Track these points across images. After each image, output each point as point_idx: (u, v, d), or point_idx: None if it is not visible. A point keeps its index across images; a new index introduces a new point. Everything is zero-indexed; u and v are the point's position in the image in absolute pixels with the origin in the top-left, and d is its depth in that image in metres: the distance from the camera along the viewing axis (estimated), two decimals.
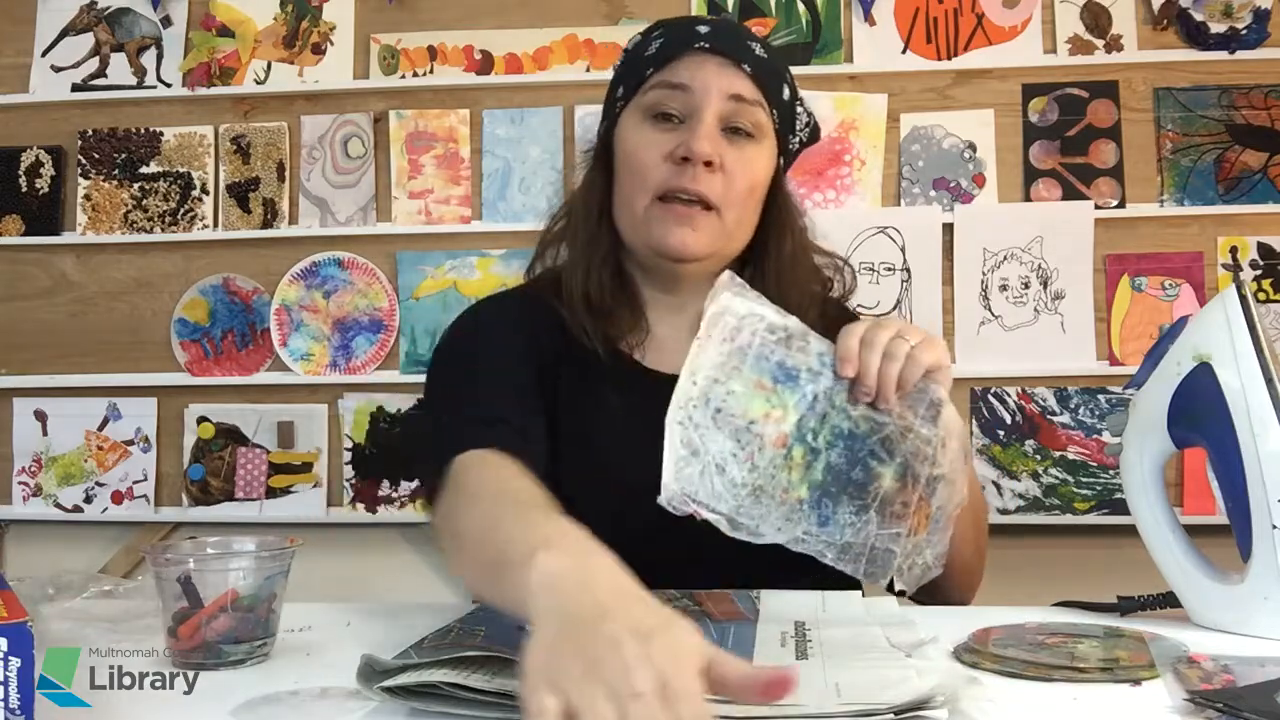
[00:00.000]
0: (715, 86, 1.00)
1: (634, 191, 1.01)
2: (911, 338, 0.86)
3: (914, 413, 0.86)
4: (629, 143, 1.03)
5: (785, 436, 0.82)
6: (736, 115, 1.01)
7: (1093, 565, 1.92)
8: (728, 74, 1.01)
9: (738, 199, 1.02)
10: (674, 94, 1.01)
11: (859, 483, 0.83)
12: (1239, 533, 0.87)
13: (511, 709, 0.61)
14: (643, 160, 1.01)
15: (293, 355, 2.19)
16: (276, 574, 0.79)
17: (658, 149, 1.00)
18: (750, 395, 0.82)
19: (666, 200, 1.00)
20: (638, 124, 1.03)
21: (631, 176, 1.02)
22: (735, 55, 1.02)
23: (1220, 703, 0.62)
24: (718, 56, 1.01)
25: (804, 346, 0.85)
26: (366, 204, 2.20)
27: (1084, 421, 2.04)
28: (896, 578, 0.85)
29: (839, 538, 0.83)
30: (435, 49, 2.20)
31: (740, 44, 1.04)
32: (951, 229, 2.09)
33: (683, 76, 1.01)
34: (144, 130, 2.24)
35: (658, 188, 1.00)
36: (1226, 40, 2.06)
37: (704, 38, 1.02)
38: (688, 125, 1.00)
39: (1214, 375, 0.87)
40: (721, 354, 0.82)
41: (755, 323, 0.84)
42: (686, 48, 1.02)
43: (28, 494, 2.23)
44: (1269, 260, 2.04)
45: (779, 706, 0.60)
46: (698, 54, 1.01)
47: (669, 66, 1.02)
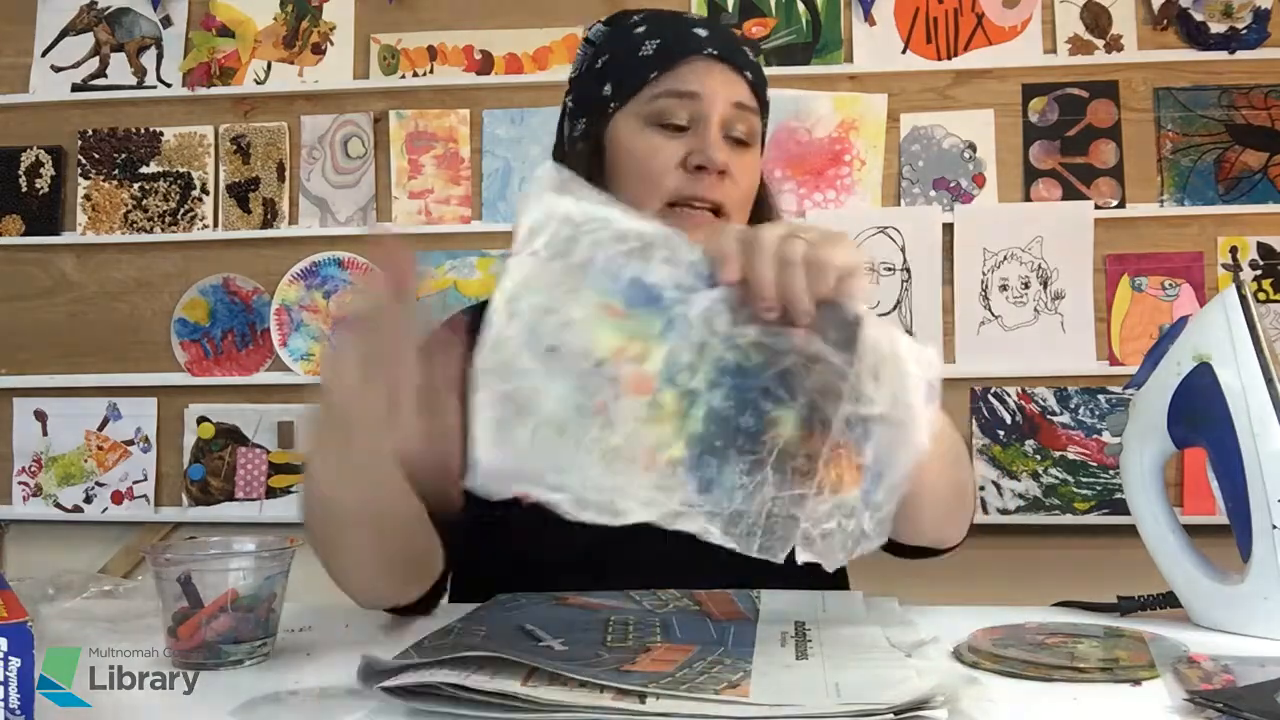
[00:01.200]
0: (722, 94, 1.00)
1: (643, 197, 1.00)
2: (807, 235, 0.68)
3: (822, 336, 0.65)
4: (633, 147, 1.02)
5: (649, 378, 0.63)
6: (736, 122, 1.01)
7: (1093, 565, 1.91)
8: (732, 81, 1.02)
9: (742, 203, 1.03)
10: (682, 101, 1.00)
11: (750, 432, 0.65)
12: (1239, 533, 0.87)
13: (512, 709, 0.61)
14: (652, 168, 1.00)
15: (293, 355, 2.19)
16: (276, 574, 0.79)
17: (668, 156, 1.00)
18: (596, 324, 0.62)
19: (676, 206, 1.00)
20: (639, 129, 1.02)
21: (639, 182, 1.01)
22: (737, 62, 1.03)
23: (1220, 703, 0.62)
24: (722, 64, 1.01)
25: (670, 257, 0.65)
26: (366, 204, 2.20)
27: (1084, 421, 2.04)
28: (803, 548, 0.66)
29: (726, 505, 0.64)
30: (435, 49, 2.20)
31: (740, 51, 1.05)
32: (951, 229, 2.09)
33: (691, 84, 1.00)
34: (144, 130, 2.24)
35: (671, 195, 1.00)
36: (1226, 40, 2.07)
37: (707, 43, 1.02)
38: (695, 132, 1.00)
39: (1214, 375, 0.86)
40: (551, 273, 0.62)
41: (597, 229, 0.64)
42: (693, 53, 1.01)
43: (28, 494, 2.23)
44: (1269, 260, 2.04)
45: (779, 706, 0.60)
46: (705, 60, 1.01)
47: (674, 72, 1.01)
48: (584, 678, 0.63)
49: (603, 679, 0.63)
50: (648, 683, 0.63)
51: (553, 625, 0.79)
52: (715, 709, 0.60)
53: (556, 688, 0.62)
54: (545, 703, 0.61)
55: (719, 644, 0.75)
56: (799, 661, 0.71)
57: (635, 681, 0.63)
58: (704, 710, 0.60)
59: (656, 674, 0.65)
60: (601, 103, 1.04)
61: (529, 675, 0.64)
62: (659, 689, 0.62)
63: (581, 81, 1.08)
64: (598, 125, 1.04)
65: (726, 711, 0.58)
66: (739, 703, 0.60)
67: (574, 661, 0.67)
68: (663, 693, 0.62)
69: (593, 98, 1.05)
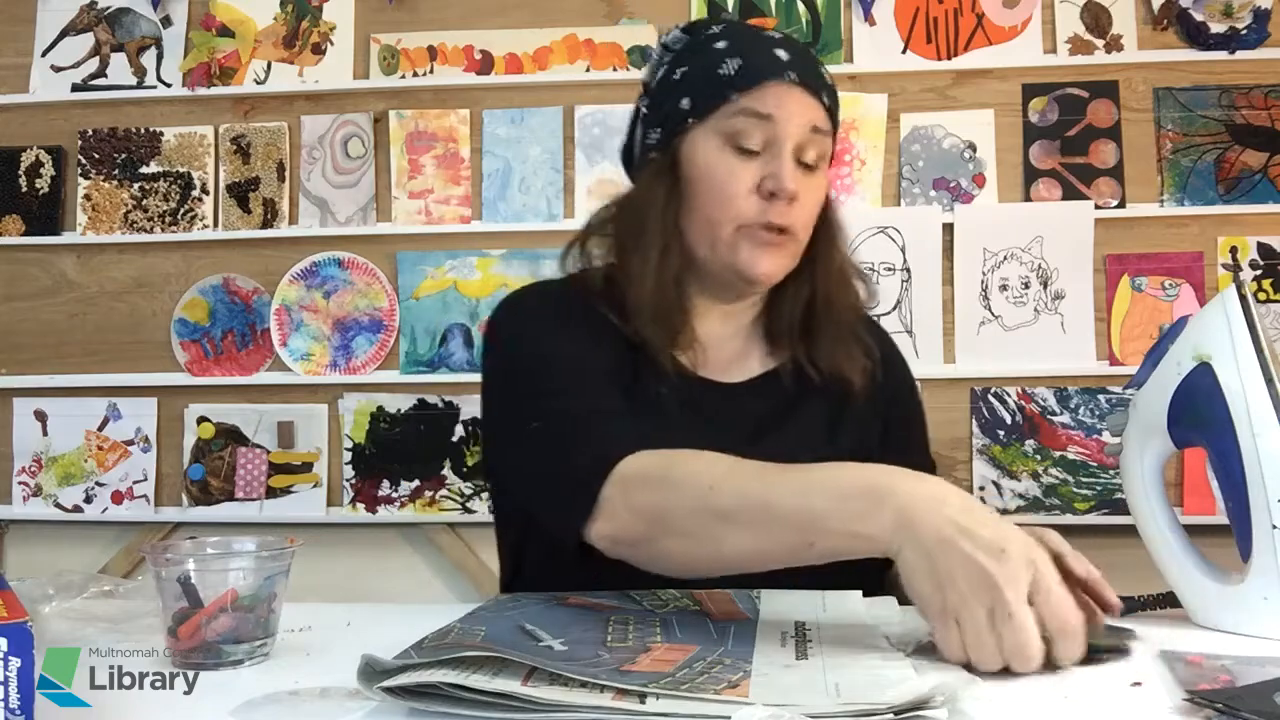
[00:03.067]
0: (797, 119, 1.01)
1: (718, 218, 1.02)
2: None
3: None
4: (711, 167, 1.02)
5: None
6: (809, 146, 1.02)
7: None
8: (810, 107, 1.02)
9: (810, 224, 1.05)
10: (759, 123, 1.01)
11: None
12: (1239, 533, 0.87)
13: (512, 709, 0.61)
14: (729, 191, 1.01)
15: (293, 355, 2.19)
16: (276, 574, 0.79)
17: (744, 180, 1.01)
18: None
19: (751, 228, 1.01)
20: (718, 148, 1.02)
21: (715, 203, 1.02)
22: (815, 86, 1.03)
23: (1219, 703, 0.62)
24: (801, 88, 1.02)
25: None
26: (366, 204, 2.20)
27: (1084, 421, 2.04)
28: None
29: None
30: (435, 49, 2.20)
31: (818, 74, 1.05)
32: (951, 229, 2.09)
33: (770, 106, 1.01)
34: (144, 130, 2.24)
35: (745, 219, 1.01)
36: (1226, 40, 2.07)
37: (789, 66, 1.02)
38: (770, 155, 1.01)
39: (1214, 375, 0.86)
40: None
41: None
42: (774, 76, 1.01)
43: (28, 494, 2.23)
44: (1269, 260, 2.05)
45: (778, 706, 0.59)
46: (785, 84, 1.01)
47: (754, 94, 1.01)
48: (584, 678, 0.63)
49: (603, 679, 0.63)
50: (648, 683, 0.63)
51: (553, 625, 0.79)
52: (715, 709, 0.60)
53: (556, 687, 0.62)
54: (545, 702, 0.61)
55: (719, 644, 0.75)
56: (799, 661, 0.71)
57: (635, 681, 0.63)
58: (704, 710, 0.60)
59: (656, 674, 0.65)
60: (679, 116, 1.04)
61: (529, 675, 0.64)
62: (659, 689, 0.62)
63: (659, 90, 1.08)
64: (674, 138, 1.05)
65: (727, 711, 0.58)
66: (739, 703, 0.60)
67: (574, 661, 0.67)
68: (663, 692, 0.62)
69: (670, 110, 1.05)
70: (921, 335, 2.08)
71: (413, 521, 2.16)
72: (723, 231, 1.02)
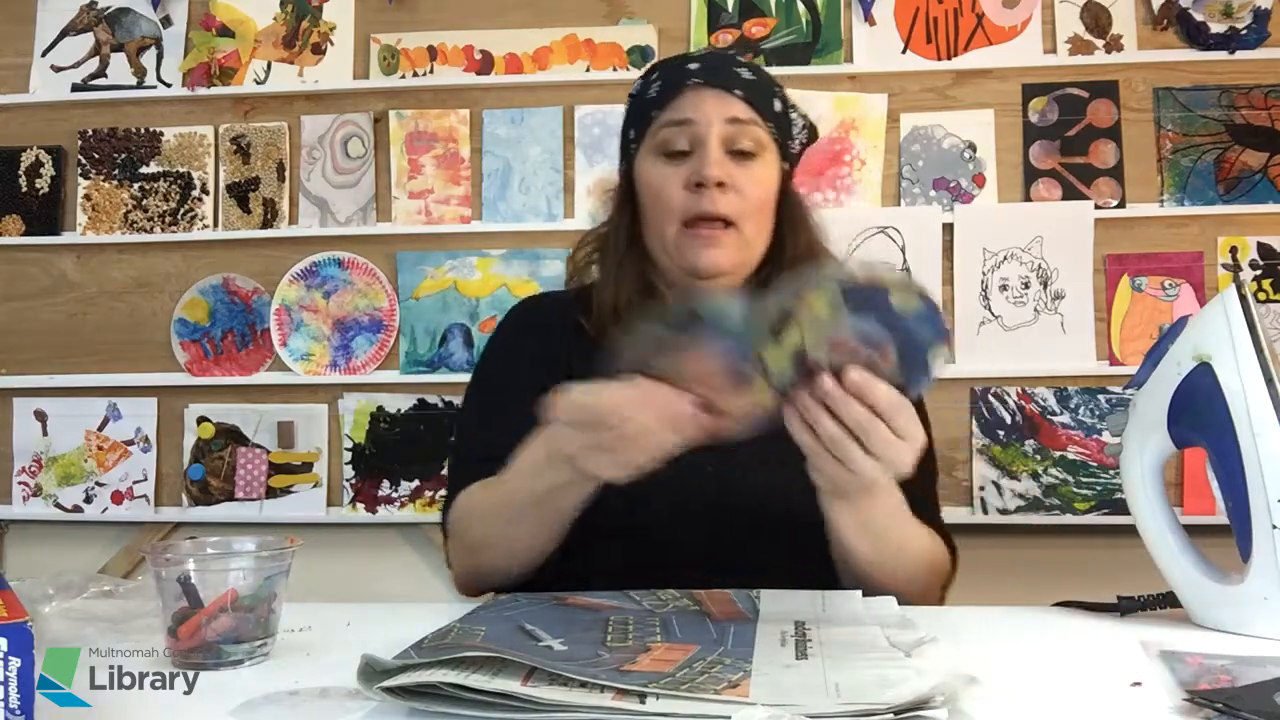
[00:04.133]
0: (714, 114, 1.10)
1: (662, 221, 1.12)
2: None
3: None
4: (649, 179, 1.13)
5: None
6: (737, 137, 1.10)
7: (1093, 565, 1.92)
8: (723, 102, 1.11)
9: (753, 211, 1.11)
10: (680, 129, 1.11)
11: None
12: (1239, 533, 0.87)
13: (512, 709, 0.61)
14: (664, 192, 1.11)
15: (293, 355, 2.19)
16: (276, 574, 0.79)
17: (675, 180, 1.10)
18: None
19: (692, 225, 1.10)
20: (653, 162, 1.13)
21: (657, 208, 1.13)
22: (726, 84, 1.11)
23: (1219, 703, 0.62)
24: (711, 88, 1.11)
25: None
26: (366, 204, 2.20)
27: (1084, 421, 2.04)
28: None
29: None
30: (435, 49, 2.20)
31: (729, 72, 1.13)
32: (951, 229, 2.09)
33: (685, 111, 1.11)
34: (144, 130, 2.24)
35: (682, 214, 1.10)
36: (1226, 40, 2.07)
37: (696, 73, 1.12)
38: (696, 154, 1.10)
39: (1214, 375, 0.86)
40: None
41: None
42: (683, 85, 1.12)
43: (28, 494, 2.23)
44: (1269, 260, 2.05)
45: (778, 706, 0.60)
46: (694, 89, 1.11)
47: (670, 105, 1.12)
48: (584, 678, 0.63)
49: (602, 679, 0.63)
50: (648, 683, 0.63)
51: (553, 625, 0.79)
52: (715, 709, 0.60)
53: (556, 687, 0.63)
54: (545, 702, 0.61)
55: (719, 644, 0.75)
56: (799, 661, 0.72)
57: (635, 681, 0.63)
58: (704, 710, 0.60)
59: (656, 674, 0.65)
60: (627, 145, 1.19)
61: (529, 675, 0.64)
62: (659, 689, 0.62)
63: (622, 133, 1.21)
64: (628, 167, 1.18)
65: (727, 711, 0.58)
66: (739, 703, 0.60)
67: (574, 661, 0.67)
68: (663, 692, 0.62)
69: (623, 143, 1.20)
70: None
71: (413, 521, 2.16)
72: (668, 233, 1.12)
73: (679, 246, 1.11)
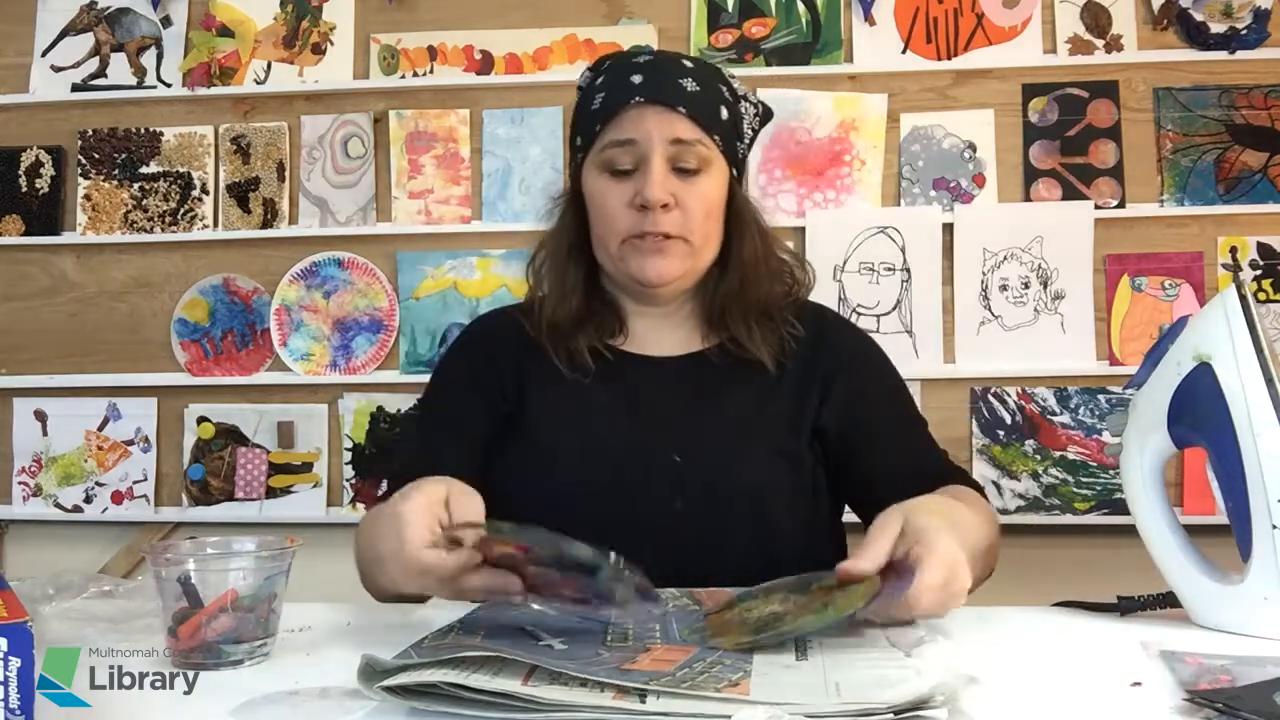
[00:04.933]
0: (656, 135, 1.09)
1: (606, 235, 1.13)
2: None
3: None
4: (594, 193, 1.14)
5: None
6: (681, 156, 1.10)
7: (1093, 565, 1.92)
8: (666, 121, 1.10)
9: (698, 225, 1.12)
10: (623, 150, 1.11)
11: None
12: (1239, 533, 0.87)
13: (512, 709, 0.61)
14: (608, 210, 1.12)
15: (293, 355, 2.19)
16: (276, 574, 0.79)
17: (618, 198, 1.11)
18: None
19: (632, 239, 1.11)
20: (597, 176, 1.13)
21: (601, 222, 1.14)
22: (669, 101, 1.10)
23: (1219, 703, 0.62)
24: (654, 106, 1.10)
25: None
26: (366, 204, 2.20)
27: (1084, 421, 2.04)
28: None
29: None
30: (435, 49, 2.20)
31: (672, 87, 1.11)
32: (951, 229, 2.09)
33: (628, 131, 1.10)
34: (144, 130, 2.24)
35: (625, 232, 1.11)
36: (1226, 40, 2.07)
37: (638, 89, 1.11)
38: (640, 173, 1.10)
39: (1214, 375, 0.86)
40: None
41: None
42: (625, 103, 1.11)
43: (28, 494, 2.23)
44: (1269, 260, 2.04)
45: (778, 705, 0.60)
46: (636, 108, 1.10)
47: (613, 123, 1.11)
48: (584, 676, 0.63)
49: (602, 678, 0.63)
50: (648, 681, 0.63)
51: (553, 625, 0.79)
52: (716, 708, 0.60)
53: (557, 687, 0.63)
54: (546, 702, 0.61)
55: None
56: (799, 661, 0.72)
57: (636, 680, 0.63)
58: (704, 709, 0.60)
59: (657, 673, 0.65)
60: (574, 151, 1.19)
61: (529, 675, 0.64)
62: (659, 688, 0.62)
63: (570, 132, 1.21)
64: (576, 171, 1.19)
65: (727, 711, 0.58)
66: (740, 701, 0.60)
67: (574, 661, 0.67)
68: (663, 691, 0.62)
69: (572, 147, 1.20)
70: (921, 335, 2.08)
71: None
72: (611, 246, 1.13)
73: (623, 257, 1.13)
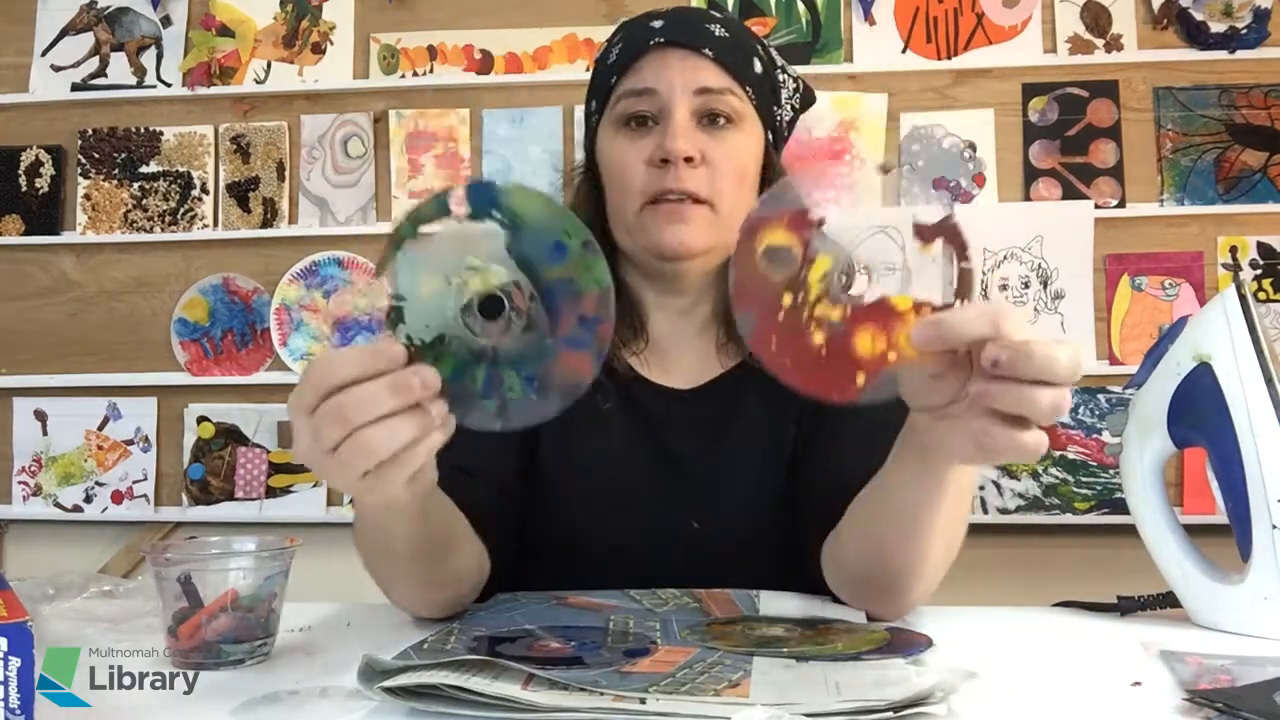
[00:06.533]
0: (679, 82, 0.96)
1: (623, 200, 0.99)
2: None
3: None
4: (609, 154, 1.01)
5: None
6: (709, 105, 0.97)
7: (1093, 565, 1.92)
8: (690, 65, 0.97)
9: (728, 188, 0.97)
10: (641, 99, 0.98)
11: None
12: (1239, 533, 0.87)
13: (512, 711, 0.61)
14: (625, 168, 0.98)
15: (293, 355, 2.19)
16: (276, 574, 0.79)
17: (637, 155, 0.97)
18: None
19: (656, 202, 0.97)
20: (613, 135, 1.00)
21: (618, 186, 1.00)
22: (694, 43, 0.97)
23: (1219, 702, 0.62)
24: (677, 49, 0.97)
25: None
26: (366, 204, 2.20)
27: (1084, 421, 2.04)
28: None
29: None
30: (435, 49, 2.20)
31: (698, 29, 0.99)
32: None
33: (647, 79, 0.97)
34: (144, 130, 2.24)
35: (644, 192, 0.97)
36: (1226, 40, 2.07)
37: (659, 32, 0.98)
38: (661, 126, 0.97)
39: (1214, 375, 0.86)
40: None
41: None
42: (646, 48, 0.98)
43: (28, 494, 2.23)
44: (1269, 260, 2.04)
45: (778, 706, 0.59)
46: (656, 51, 0.97)
47: (631, 71, 0.99)
48: (583, 685, 0.63)
49: (602, 684, 0.63)
50: (648, 685, 0.63)
51: (553, 625, 0.79)
52: (715, 709, 0.60)
53: (557, 691, 0.62)
54: (546, 706, 0.61)
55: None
56: (799, 662, 0.71)
57: (635, 684, 0.63)
58: (704, 710, 0.60)
59: (656, 675, 0.65)
60: (589, 119, 1.06)
61: (529, 679, 0.64)
62: (659, 690, 0.62)
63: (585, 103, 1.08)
64: (591, 140, 1.05)
65: (727, 711, 0.58)
66: (739, 703, 0.60)
67: (573, 670, 0.67)
68: (663, 693, 0.62)
69: (587, 116, 1.07)
70: None
71: None
72: (628, 211, 0.98)
73: (641, 225, 0.97)
